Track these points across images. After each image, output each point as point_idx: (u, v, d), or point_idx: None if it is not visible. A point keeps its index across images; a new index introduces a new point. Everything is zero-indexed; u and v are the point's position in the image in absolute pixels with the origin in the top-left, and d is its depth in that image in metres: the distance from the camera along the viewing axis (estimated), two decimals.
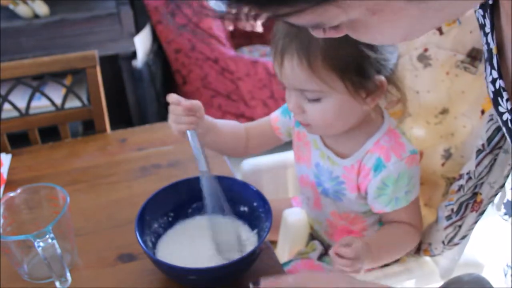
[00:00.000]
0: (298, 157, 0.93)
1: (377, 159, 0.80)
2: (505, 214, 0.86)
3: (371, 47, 0.71)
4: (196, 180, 0.85)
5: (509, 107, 0.55)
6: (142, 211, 0.79)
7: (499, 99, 0.56)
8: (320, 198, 0.91)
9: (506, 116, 0.56)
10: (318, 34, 0.46)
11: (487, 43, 0.58)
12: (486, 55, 0.59)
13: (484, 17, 0.58)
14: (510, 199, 0.84)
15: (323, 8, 0.37)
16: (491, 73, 0.57)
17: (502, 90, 0.55)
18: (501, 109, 0.56)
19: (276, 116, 0.94)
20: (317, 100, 0.75)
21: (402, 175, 0.80)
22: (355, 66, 0.72)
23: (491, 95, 0.58)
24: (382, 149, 0.80)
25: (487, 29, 0.57)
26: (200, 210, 0.87)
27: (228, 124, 0.93)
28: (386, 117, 0.83)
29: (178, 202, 0.85)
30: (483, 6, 0.58)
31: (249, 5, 0.37)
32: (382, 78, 0.75)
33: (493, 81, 0.57)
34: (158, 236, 0.84)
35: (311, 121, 0.78)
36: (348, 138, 0.82)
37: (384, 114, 0.84)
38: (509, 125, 0.55)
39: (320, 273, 0.72)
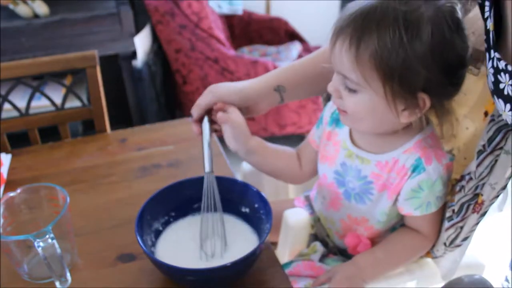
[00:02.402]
0: (322, 156, 0.92)
1: (417, 160, 0.78)
2: None
3: (426, 64, 0.69)
4: (197, 180, 0.85)
5: (508, 78, 0.58)
6: (143, 211, 0.79)
7: (499, 76, 0.58)
8: (341, 198, 0.90)
9: (507, 88, 0.58)
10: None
11: (487, 30, 0.59)
12: (485, 45, 0.61)
13: None
14: None
15: None
16: (490, 57, 0.59)
17: (498, 61, 0.57)
18: (501, 85, 0.59)
19: (312, 133, 0.96)
20: (354, 91, 0.74)
21: (439, 181, 0.79)
22: (400, 76, 0.69)
23: (492, 79, 0.60)
24: (424, 150, 0.78)
25: (487, 13, 0.59)
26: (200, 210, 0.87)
27: (279, 149, 0.95)
28: (430, 121, 0.82)
29: (178, 202, 0.85)
30: None
31: None
32: (426, 97, 0.72)
33: (492, 62, 0.59)
34: (158, 236, 0.84)
35: (346, 108, 0.77)
36: (384, 140, 0.81)
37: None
38: (510, 94, 0.59)
39: None
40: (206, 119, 0.87)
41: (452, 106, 0.77)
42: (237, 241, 0.82)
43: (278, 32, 2.55)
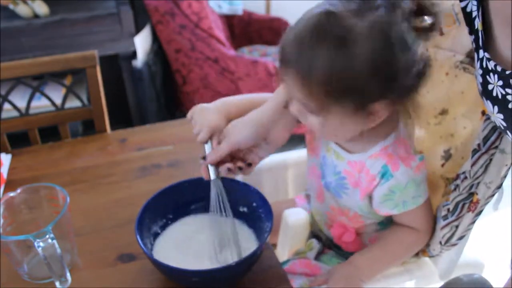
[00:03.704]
0: (310, 148, 0.93)
1: (383, 167, 0.79)
2: None
3: (377, 74, 0.69)
4: (196, 181, 0.85)
5: (497, 79, 0.57)
6: (142, 212, 0.79)
7: (487, 77, 0.58)
8: (323, 191, 0.92)
9: (496, 90, 0.57)
10: None
11: (476, 31, 0.59)
12: (474, 45, 0.60)
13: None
14: None
15: None
16: (478, 57, 0.59)
17: (487, 61, 0.57)
18: (490, 86, 0.58)
19: None
20: (316, 114, 0.74)
21: (410, 183, 0.79)
22: (355, 94, 0.70)
23: (480, 80, 0.60)
24: (390, 157, 0.79)
25: (474, 13, 0.58)
26: (199, 210, 0.87)
27: (253, 103, 0.91)
28: (398, 125, 0.82)
29: (178, 203, 0.86)
30: None
31: None
32: (386, 102, 0.72)
33: (481, 62, 0.58)
34: (158, 236, 0.84)
35: (313, 128, 0.77)
36: (354, 142, 0.82)
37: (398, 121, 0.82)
38: (500, 96, 0.57)
39: None
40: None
41: (417, 102, 0.76)
42: (235, 240, 0.82)
43: (278, 32, 2.54)
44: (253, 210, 0.84)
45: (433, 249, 0.89)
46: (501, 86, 0.57)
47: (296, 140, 2.46)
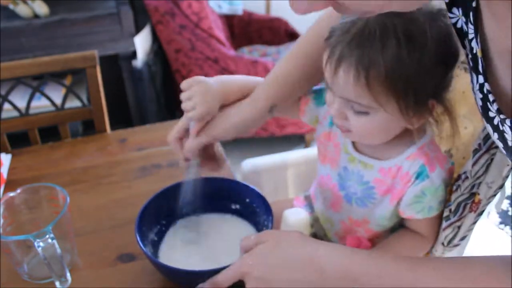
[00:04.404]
0: (323, 157, 0.91)
1: (421, 166, 0.78)
2: (501, 223, 0.85)
3: (435, 70, 0.69)
4: (197, 181, 0.85)
5: (495, 108, 0.55)
6: (142, 213, 0.79)
7: (488, 104, 0.56)
8: (342, 201, 0.90)
9: (496, 120, 0.55)
10: None
11: (471, 50, 0.57)
12: (471, 64, 0.59)
13: (466, 23, 0.58)
14: (505, 208, 0.83)
15: None
16: (477, 80, 0.57)
17: (488, 93, 0.55)
18: (491, 114, 0.57)
19: (307, 98, 0.91)
20: (363, 113, 0.73)
21: (442, 186, 0.79)
22: (414, 90, 0.69)
23: (480, 103, 0.59)
24: (427, 156, 0.78)
25: (471, 35, 0.57)
26: (200, 211, 0.87)
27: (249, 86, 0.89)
28: (429, 127, 0.81)
29: (178, 203, 0.85)
30: (465, 13, 0.58)
31: None
32: (434, 101, 0.72)
33: (481, 87, 0.57)
34: (160, 236, 0.84)
35: (352, 128, 0.76)
36: (387, 147, 0.80)
37: (428, 123, 0.81)
38: (500, 127, 0.55)
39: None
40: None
41: (451, 100, 0.76)
42: (238, 241, 0.82)
43: (278, 32, 2.56)
44: (255, 211, 0.84)
45: (436, 250, 0.88)
46: (500, 121, 0.55)
47: (296, 140, 2.47)
